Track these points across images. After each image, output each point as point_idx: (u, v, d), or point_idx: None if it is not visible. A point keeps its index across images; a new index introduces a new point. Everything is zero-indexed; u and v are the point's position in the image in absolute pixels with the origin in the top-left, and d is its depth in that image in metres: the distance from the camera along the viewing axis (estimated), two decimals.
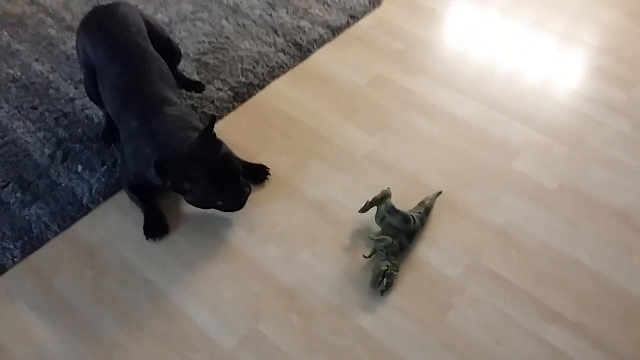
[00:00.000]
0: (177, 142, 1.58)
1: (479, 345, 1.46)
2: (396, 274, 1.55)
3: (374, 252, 1.60)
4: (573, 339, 1.46)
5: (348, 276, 1.60)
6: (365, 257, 1.60)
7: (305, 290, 1.57)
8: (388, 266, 1.54)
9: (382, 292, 1.54)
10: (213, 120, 1.56)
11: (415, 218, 1.62)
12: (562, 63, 2.19)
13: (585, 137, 1.93)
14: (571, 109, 2.02)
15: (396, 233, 1.59)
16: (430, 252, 1.63)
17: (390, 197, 1.64)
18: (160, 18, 2.36)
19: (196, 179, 1.55)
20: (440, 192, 1.75)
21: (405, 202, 1.69)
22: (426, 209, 1.67)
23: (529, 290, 1.55)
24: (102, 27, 1.77)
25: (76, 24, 2.32)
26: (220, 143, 1.58)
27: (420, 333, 1.48)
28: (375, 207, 1.66)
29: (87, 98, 2.02)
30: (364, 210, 1.67)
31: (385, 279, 1.52)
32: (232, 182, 1.59)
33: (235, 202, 1.64)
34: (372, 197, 1.65)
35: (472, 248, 1.64)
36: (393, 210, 1.60)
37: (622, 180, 1.79)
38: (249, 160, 1.82)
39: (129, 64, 1.70)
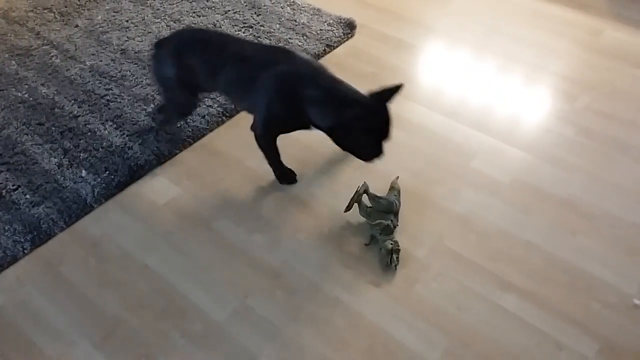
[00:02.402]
0: (349, 88, 1.77)
1: (443, 311, 1.65)
2: (399, 249, 1.75)
3: (372, 238, 1.81)
4: (524, 303, 1.67)
5: (326, 258, 1.80)
6: (366, 244, 1.81)
7: (288, 271, 1.77)
8: (392, 244, 1.74)
9: (395, 267, 1.74)
10: (399, 87, 1.74)
11: (395, 200, 1.85)
12: (515, 80, 2.48)
13: (534, 141, 2.18)
14: (522, 118, 2.29)
15: (386, 216, 1.81)
16: (399, 236, 1.83)
17: (369, 189, 1.86)
18: None
19: (370, 126, 1.73)
20: (397, 177, 1.96)
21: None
22: (397, 191, 1.89)
23: (485, 265, 1.76)
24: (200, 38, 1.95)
25: (79, 54, 2.57)
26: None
27: (391, 302, 1.68)
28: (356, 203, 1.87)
29: (90, 114, 2.26)
30: (349, 208, 1.87)
31: (394, 255, 1.73)
32: (386, 139, 1.78)
33: (378, 153, 1.79)
34: (353, 195, 1.86)
35: (436, 232, 1.86)
36: (378, 198, 1.83)
37: (566, 175, 2.04)
38: (237, 166, 2.04)
39: (238, 42, 1.90)
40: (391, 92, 1.73)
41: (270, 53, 1.86)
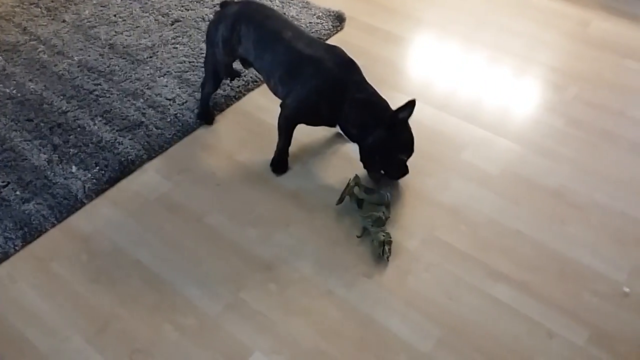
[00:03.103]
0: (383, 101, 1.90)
1: (435, 301, 1.67)
2: (391, 241, 1.76)
3: (364, 230, 1.81)
4: (515, 293, 1.68)
5: (319, 251, 1.80)
6: (358, 236, 1.82)
7: (281, 264, 1.77)
8: (384, 236, 1.75)
9: (388, 258, 1.75)
10: (413, 103, 1.83)
11: (387, 192, 1.86)
12: (505, 72, 2.49)
13: (524, 132, 2.20)
14: (512, 109, 2.31)
15: (377, 208, 1.81)
16: (390, 228, 1.84)
17: (360, 181, 1.87)
18: (144, 42, 2.60)
19: (398, 138, 1.87)
20: None
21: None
22: None
23: (476, 256, 1.77)
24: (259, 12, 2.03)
25: (67, 49, 2.56)
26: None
27: (383, 294, 1.69)
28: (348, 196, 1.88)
29: (79, 110, 2.25)
30: (340, 201, 1.88)
31: (386, 247, 1.74)
32: (408, 157, 1.93)
33: (403, 171, 1.94)
34: (345, 188, 1.87)
35: (427, 224, 1.87)
36: (369, 190, 1.84)
37: (555, 165, 2.06)
38: (228, 160, 2.04)
39: (295, 29, 1.97)
40: (411, 109, 1.84)
41: (321, 48, 1.94)
